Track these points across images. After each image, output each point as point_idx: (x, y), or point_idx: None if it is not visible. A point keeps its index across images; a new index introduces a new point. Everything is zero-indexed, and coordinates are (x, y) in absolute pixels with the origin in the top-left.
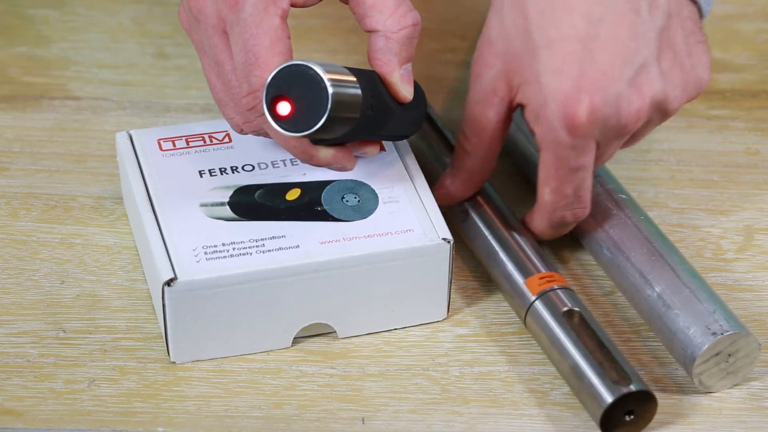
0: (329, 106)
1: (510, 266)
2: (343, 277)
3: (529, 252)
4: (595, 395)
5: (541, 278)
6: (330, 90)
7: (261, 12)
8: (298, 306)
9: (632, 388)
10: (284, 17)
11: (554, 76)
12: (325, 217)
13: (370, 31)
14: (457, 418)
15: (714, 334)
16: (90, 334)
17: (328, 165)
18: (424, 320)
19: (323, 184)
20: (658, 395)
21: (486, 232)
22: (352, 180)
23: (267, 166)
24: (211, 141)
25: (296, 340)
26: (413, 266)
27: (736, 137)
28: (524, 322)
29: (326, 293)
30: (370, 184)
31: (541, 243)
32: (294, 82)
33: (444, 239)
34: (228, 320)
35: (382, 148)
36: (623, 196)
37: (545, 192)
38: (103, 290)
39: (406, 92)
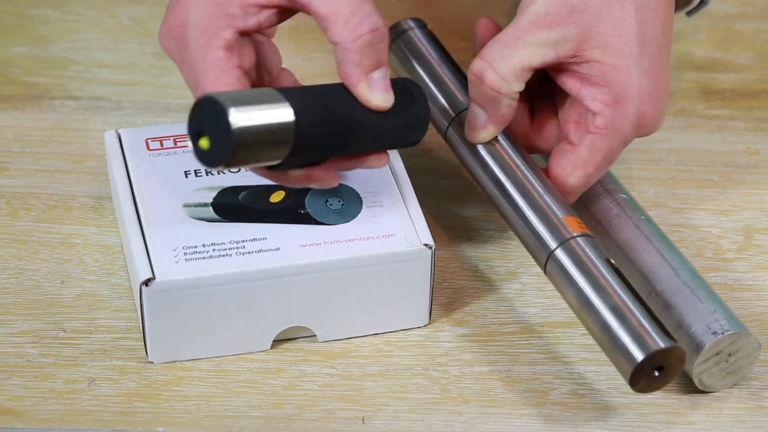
0: (233, 137)
1: (547, 199)
2: (322, 280)
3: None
4: (640, 339)
5: (579, 223)
6: (232, 119)
7: (203, 46)
8: (277, 309)
9: (675, 343)
10: (229, 47)
11: (645, 74)
12: (307, 220)
13: (332, 44)
14: (457, 418)
15: (714, 333)
16: (90, 334)
17: (306, 185)
18: (405, 326)
19: (308, 187)
20: (658, 395)
21: (516, 159)
22: None
23: None
24: None
25: (297, 339)
26: (394, 271)
27: (736, 137)
28: (546, 263)
29: (305, 296)
30: (355, 187)
31: None
32: (207, 116)
33: (426, 245)
34: (206, 321)
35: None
36: (624, 196)
37: (577, 174)
38: (103, 290)
39: (377, 101)
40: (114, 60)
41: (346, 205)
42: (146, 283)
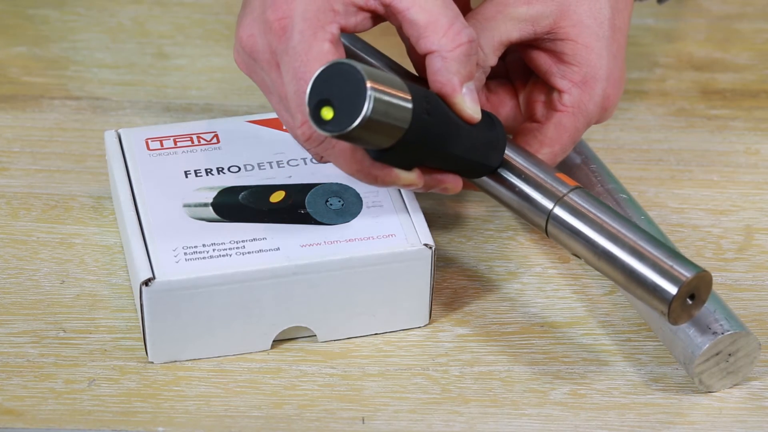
0: (367, 103)
1: (536, 162)
2: (322, 280)
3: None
4: (668, 274)
5: (569, 178)
6: (368, 84)
7: (309, 38)
8: (277, 309)
9: (700, 269)
10: (334, 41)
11: (613, 59)
12: (308, 220)
13: (426, 54)
14: (457, 418)
15: (714, 333)
16: (90, 334)
17: (394, 185)
18: (405, 326)
19: (308, 187)
20: (658, 395)
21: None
22: (337, 183)
23: (253, 167)
24: (199, 141)
25: (296, 340)
26: (394, 271)
27: (736, 137)
28: (547, 225)
29: (306, 297)
30: (354, 187)
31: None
32: (335, 83)
33: (426, 245)
34: (206, 321)
35: (467, 185)
36: (624, 196)
37: (544, 152)
38: (103, 290)
39: (470, 111)
40: (114, 60)
41: (346, 205)
42: (146, 283)
